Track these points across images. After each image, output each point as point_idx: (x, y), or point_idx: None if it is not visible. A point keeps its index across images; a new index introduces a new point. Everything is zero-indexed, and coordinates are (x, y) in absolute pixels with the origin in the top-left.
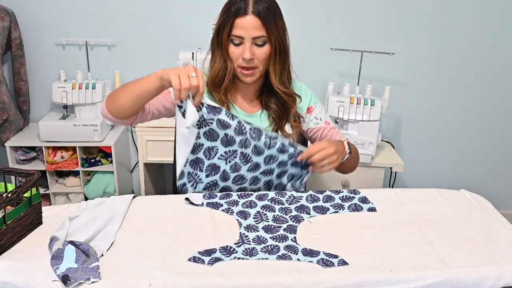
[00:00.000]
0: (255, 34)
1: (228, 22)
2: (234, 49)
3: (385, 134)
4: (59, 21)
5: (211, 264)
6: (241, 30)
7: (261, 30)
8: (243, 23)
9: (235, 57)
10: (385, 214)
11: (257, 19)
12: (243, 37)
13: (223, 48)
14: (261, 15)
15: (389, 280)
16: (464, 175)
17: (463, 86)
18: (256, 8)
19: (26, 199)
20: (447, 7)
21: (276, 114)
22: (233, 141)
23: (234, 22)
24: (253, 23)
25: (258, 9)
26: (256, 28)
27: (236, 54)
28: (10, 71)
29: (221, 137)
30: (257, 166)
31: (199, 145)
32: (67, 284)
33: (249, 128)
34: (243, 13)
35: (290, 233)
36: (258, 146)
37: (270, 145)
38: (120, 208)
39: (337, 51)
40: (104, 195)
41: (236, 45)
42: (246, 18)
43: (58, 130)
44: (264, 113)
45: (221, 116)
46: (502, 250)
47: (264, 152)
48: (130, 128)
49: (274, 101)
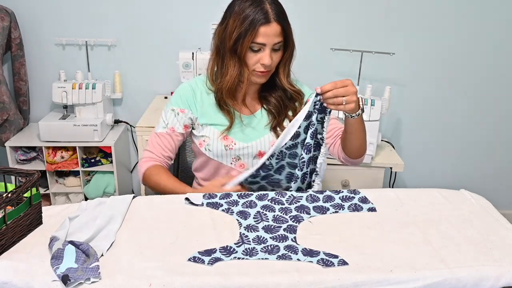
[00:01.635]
0: (276, 40)
1: (251, 31)
2: (252, 55)
3: (385, 134)
4: (59, 21)
5: (211, 264)
6: (265, 37)
7: (281, 36)
8: (267, 31)
9: (252, 63)
10: (385, 214)
11: (279, 26)
12: (265, 44)
13: (238, 56)
14: (281, 21)
15: (389, 280)
16: (464, 175)
17: (463, 86)
18: (276, 14)
19: (26, 199)
20: (447, 7)
21: (276, 109)
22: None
23: (258, 30)
24: (275, 30)
25: (278, 14)
26: (277, 35)
27: (254, 60)
28: (10, 71)
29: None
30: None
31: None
32: (67, 284)
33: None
34: (267, 21)
35: (290, 233)
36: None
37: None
38: (120, 208)
39: (337, 51)
40: (104, 195)
41: (255, 52)
42: (270, 26)
43: (58, 130)
44: (263, 111)
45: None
46: (502, 250)
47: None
48: (130, 128)
49: (274, 96)
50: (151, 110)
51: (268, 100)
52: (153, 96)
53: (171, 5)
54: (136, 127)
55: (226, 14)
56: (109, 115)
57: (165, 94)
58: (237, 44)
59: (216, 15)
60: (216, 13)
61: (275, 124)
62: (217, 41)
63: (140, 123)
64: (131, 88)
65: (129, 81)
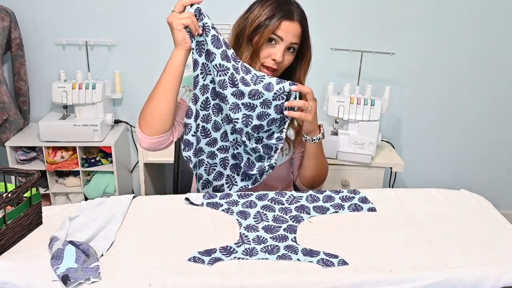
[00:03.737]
0: (293, 40)
1: (274, 22)
2: (267, 47)
3: (385, 134)
4: (59, 21)
5: (211, 264)
6: (284, 32)
7: (299, 38)
8: (289, 27)
9: (264, 56)
10: (385, 214)
11: (300, 27)
12: (282, 39)
13: (254, 45)
14: (303, 24)
15: (389, 280)
16: (464, 175)
17: (463, 86)
18: (301, 16)
19: (26, 199)
20: (447, 7)
21: None
22: (228, 63)
23: (281, 23)
24: (296, 29)
25: (302, 17)
26: (296, 35)
27: (267, 53)
28: (10, 71)
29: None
30: (242, 94)
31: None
32: (67, 284)
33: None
34: (291, 18)
35: (290, 233)
36: (245, 79)
37: (256, 81)
38: (120, 208)
39: (337, 51)
40: (104, 195)
41: (270, 45)
42: (293, 24)
43: (58, 130)
44: None
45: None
46: (502, 250)
47: (249, 85)
48: (130, 128)
49: None
50: None
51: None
52: None
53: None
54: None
55: (251, 6)
56: (109, 115)
57: None
58: (256, 32)
59: (216, 15)
60: (216, 13)
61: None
62: (236, 29)
63: None
64: (131, 88)
65: (129, 81)
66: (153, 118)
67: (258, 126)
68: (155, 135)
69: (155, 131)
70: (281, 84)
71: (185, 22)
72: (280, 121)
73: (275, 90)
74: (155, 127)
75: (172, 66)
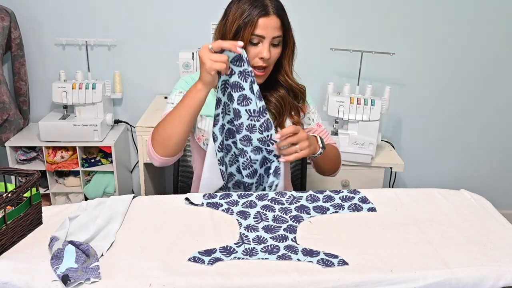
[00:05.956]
0: (275, 34)
1: (251, 22)
2: (252, 48)
3: (385, 134)
4: (59, 21)
5: (211, 264)
6: (264, 29)
7: (280, 30)
8: (266, 23)
9: (252, 57)
10: (385, 214)
11: (278, 19)
12: (264, 37)
13: None
14: (281, 15)
15: (389, 280)
16: (464, 175)
17: (463, 86)
18: (276, 8)
19: (26, 199)
20: (447, 7)
21: (277, 109)
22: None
23: (258, 22)
24: (274, 22)
25: (277, 9)
26: (276, 28)
27: (253, 53)
28: (10, 71)
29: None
30: (249, 140)
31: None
32: (67, 284)
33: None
34: (266, 13)
35: (290, 233)
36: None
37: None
38: (120, 208)
39: (337, 51)
40: (104, 195)
41: (254, 45)
42: (270, 18)
43: (58, 130)
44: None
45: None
46: (502, 250)
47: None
48: (130, 128)
49: (275, 95)
50: (151, 110)
51: (268, 99)
52: (153, 96)
53: (171, 5)
54: (136, 127)
55: (226, 10)
56: (109, 115)
57: (165, 94)
58: (236, 37)
59: (216, 15)
60: (216, 13)
61: (276, 124)
62: (218, 37)
63: (140, 123)
64: (131, 88)
65: (129, 81)
66: (170, 143)
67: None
68: (169, 157)
69: (170, 154)
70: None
71: (218, 68)
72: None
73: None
74: (170, 150)
75: (195, 100)
